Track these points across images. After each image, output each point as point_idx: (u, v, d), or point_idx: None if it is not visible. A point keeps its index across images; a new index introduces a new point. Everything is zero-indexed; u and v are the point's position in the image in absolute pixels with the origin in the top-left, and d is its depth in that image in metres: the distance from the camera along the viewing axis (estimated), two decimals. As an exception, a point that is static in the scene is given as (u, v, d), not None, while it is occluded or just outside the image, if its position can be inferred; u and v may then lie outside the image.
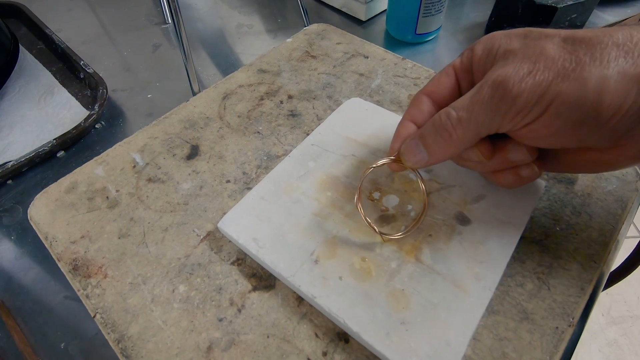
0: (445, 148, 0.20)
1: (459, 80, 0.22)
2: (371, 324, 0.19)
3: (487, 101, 0.18)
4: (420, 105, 0.22)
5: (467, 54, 0.21)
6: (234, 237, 0.23)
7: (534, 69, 0.16)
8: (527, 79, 0.16)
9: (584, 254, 0.22)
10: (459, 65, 0.21)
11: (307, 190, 0.25)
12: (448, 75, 0.22)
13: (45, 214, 0.26)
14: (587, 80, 0.15)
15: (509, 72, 0.17)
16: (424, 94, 0.22)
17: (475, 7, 0.48)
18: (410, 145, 0.21)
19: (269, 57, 0.36)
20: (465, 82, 0.21)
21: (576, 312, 0.20)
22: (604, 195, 0.25)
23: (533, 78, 0.16)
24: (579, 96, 0.16)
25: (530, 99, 0.16)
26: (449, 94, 0.22)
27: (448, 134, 0.19)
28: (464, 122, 0.18)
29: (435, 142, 0.20)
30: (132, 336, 0.21)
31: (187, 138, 0.30)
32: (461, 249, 0.22)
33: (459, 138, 0.19)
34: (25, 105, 0.38)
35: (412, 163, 0.21)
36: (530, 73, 0.16)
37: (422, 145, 0.20)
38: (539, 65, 0.16)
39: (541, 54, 0.17)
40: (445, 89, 0.22)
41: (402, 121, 0.22)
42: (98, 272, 0.23)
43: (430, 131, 0.20)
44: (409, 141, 0.21)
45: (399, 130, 0.22)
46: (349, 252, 0.22)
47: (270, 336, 0.20)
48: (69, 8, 0.52)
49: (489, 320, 0.20)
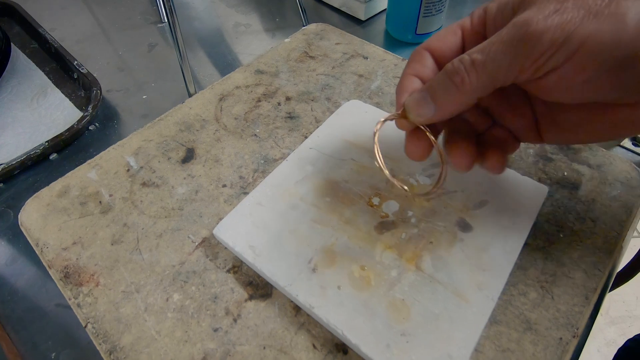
0: (456, 97, 0.17)
1: (465, 41, 0.20)
2: (371, 335, 0.19)
3: (507, 41, 0.16)
4: (423, 60, 0.20)
5: (479, 13, 0.19)
6: (229, 244, 0.22)
7: (560, 7, 0.15)
8: (554, 17, 0.15)
9: (588, 262, 0.22)
10: (468, 26, 0.20)
11: (305, 195, 0.24)
12: (454, 33, 0.20)
13: (37, 219, 0.26)
14: (624, 15, 0.14)
15: (532, 12, 0.15)
16: (426, 49, 0.20)
17: (476, 6, 0.47)
18: (415, 98, 0.19)
19: (267, 57, 0.35)
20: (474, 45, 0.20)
21: (580, 322, 0.20)
22: (608, 200, 0.24)
23: (560, 16, 0.15)
24: (616, 33, 0.14)
25: (557, 38, 0.15)
26: (453, 52, 0.20)
27: (460, 79, 0.17)
28: (478, 64, 0.16)
29: (445, 91, 0.18)
30: (124, 347, 0.20)
31: (183, 141, 0.29)
32: (463, 257, 0.21)
33: (472, 84, 0.17)
34: (17, 106, 0.37)
35: (417, 116, 0.19)
36: (557, 11, 0.15)
37: (430, 96, 0.18)
38: (567, 4, 0.15)
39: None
40: (449, 47, 0.20)
41: (405, 75, 0.20)
42: (90, 280, 0.23)
43: (439, 80, 0.18)
44: (414, 94, 0.19)
45: (402, 84, 0.20)
46: (348, 260, 0.21)
47: (267, 347, 0.20)
48: (63, 6, 0.51)
49: (491, 331, 0.20)
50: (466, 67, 0.17)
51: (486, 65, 0.16)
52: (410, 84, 0.20)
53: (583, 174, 0.26)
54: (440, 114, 0.18)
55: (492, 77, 0.17)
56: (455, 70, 0.17)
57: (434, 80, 0.18)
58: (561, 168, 0.26)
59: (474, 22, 0.19)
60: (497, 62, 0.16)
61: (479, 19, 0.19)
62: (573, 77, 0.15)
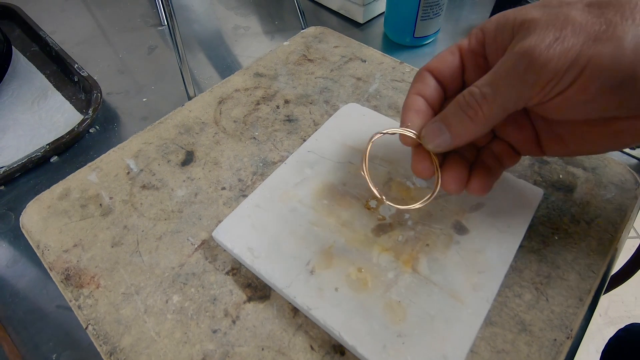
0: (471, 127, 0.18)
1: (464, 62, 0.21)
2: (367, 336, 0.19)
3: (513, 73, 0.17)
4: (425, 80, 0.21)
5: (477, 34, 0.20)
6: (228, 246, 0.23)
7: (560, 35, 0.15)
8: (555, 46, 0.15)
9: (583, 264, 0.22)
10: (466, 47, 0.20)
11: (303, 198, 0.25)
12: (452, 54, 0.21)
13: (38, 221, 0.26)
14: (622, 39, 0.15)
15: (533, 41, 0.16)
16: (427, 69, 0.21)
17: (474, 9, 0.47)
18: (432, 128, 0.20)
19: (266, 60, 0.36)
20: (472, 65, 0.21)
21: (575, 323, 0.20)
22: (603, 203, 0.25)
23: (561, 44, 0.15)
24: (616, 56, 0.15)
25: (561, 66, 0.15)
26: (452, 73, 0.21)
27: (473, 112, 0.18)
28: (488, 97, 0.17)
29: (460, 123, 0.19)
30: (124, 348, 0.21)
31: (182, 144, 0.30)
32: (459, 259, 0.22)
33: (484, 116, 0.18)
34: (18, 109, 0.37)
35: (434, 146, 0.20)
36: (557, 39, 0.15)
37: (445, 127, 0.19)
38: (566, 32, 0.15)
39: (566, 21, 0.16)
40: (449, 67, 0.21)
41: (410, 95, 0.21)
42: (90, 282, 0.23)
43: (453, 112, 0.19)
44: (429, 124, 0.20)
45: (407, 102, 0.21)
46: (345, 262, 0.22)
47: (265, 348, 0.20)
48: (63, 9, 0.51)
49: (486, 332, 0.20)
50: (478, 101, 0.18)
51: (496, 97, 0.17)
52: (415, 102, 0.21)
53: (578, 176, 0.26)
54: (457, 142, 0.19)
55: (502, 107, 0.18)
56: (468, 103, 0.18)
57: (448, 111, 0.19)
58: (556, 171, 0.26)
59: (471, 42, 0.20)
60: (505, 94, 0.17)
61: (477, 40, 0.20)
62: (577, 97, 0.16)
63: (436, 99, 0.21)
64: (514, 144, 0.21)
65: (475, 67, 0.21)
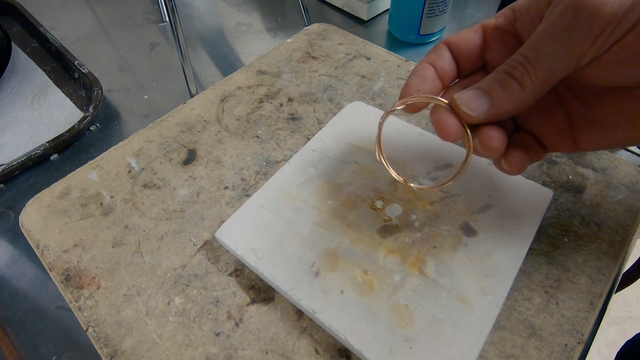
0: (513, 95, 0.16)
1: (487, 40, 0.19)
2: (373, 340, 0.19)
3: (559, 27, 0.15)
4: (440, 52, 0.20)
5: (505, 13, 0.19)
6: (231, 247, 0.22)
7: None
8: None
9: (594, 267, 0.22)
10: (493, 25, 0.19)
11: (307, 198, 0.24)
12: (475, 32, 0.20)
13: (37, 220, 0.25)
14: None
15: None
16: (445, 43, 0.20)
17: (479, 6, 0.47)
18: (468, 94, 0.17)
19: (269, 57, 0.35)
20: (498, 43, 0.19)
21: (586, 328, 0.20)
22: (613, 205, 0.24)
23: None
24: None
25: (617, 9, 0.14)
26: (471, 51, 0.19)
27: (515, 82, 0.16)
28: (532, 61, 0.16)
29: (501, 89, 0.17)
30: (125, 351, 0.20)
31: (184, 142, 0.29)
32: (467, 262, 0.21)
33: (530, 83, 0.16)
34: (17, 106, 0.37)
35: (469, 109, 0.17)
36: None
37: (485, 93, 0.17)
38: None
39: None
40: (467, 43, 0.19)
41: (421, 63, 0.20)
42: (91, 282, 0.23)
43: (493, 77, 0.17)
44: (465, 91, 0.18)
45: (416, 69, 0.20)
46: (350, 264, 0.21)
47: (269, 352, 0.20)
48: (64, 5, 0.51)
49: (495, 337, 0.20)
50: (520, 67, 0.16)
51: (540, 60, 0.15)
52: (424, 70, 0.19)
53: (587, 177, 0.25)
54: (495, 111, 0.17)
55: (549, 71, 0.16)
56: (511, 67, 0.16)
57: (488, 78, 0.17)
58: (565, 171, 0.26)
59: (499, 22, 0.19)
60: (553, 54, 0.15)
61: (506, 18, 0.19)
62: (637, 47, 0.14)
63: (448, 73, 0.20)
64: (541, 135, 0.19)
65: (501, 45, 0.19)
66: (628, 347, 0.41)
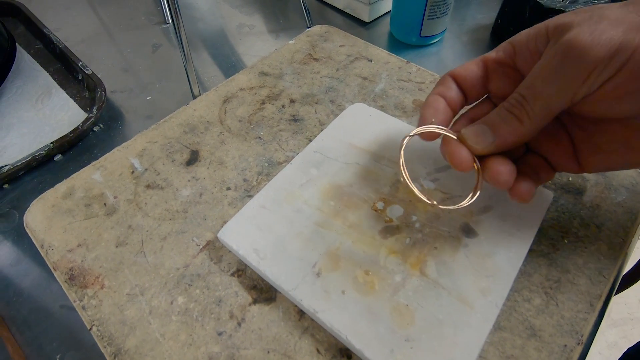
0: (516, 131, 0.18)
1: (488, 72, 0.21)
2: (374, 340, 0.19)
3: (552, 68, 0.16)
4: (447, 83, 0.21)
5: (505, 47, 0.20)
6: (234, 247, 0.22)
7: (598, 27, 0.15)
8: (595, 34, 0.15)
9: (593, 268, 0.22)
10: (493, 58, 0.20)
11: (309, 199, 0.24)
12: (477, 65, 0.21)
13: (42, 220, 0.26)
14: None
15: (572, 34, 0.15)
16: (450, 75, 0.21)
17: (480, 9, 0.47)
18: (474, 129, 0.19)
19: (271, 59, 0.35)
20: (500, 75, 0.20)
21: (585, 329, 0.20)
22: (613, 206, 0.24)
23: (601, 34, 0.15)
24: None
25: (605, 53, 0.15)
26: (475, 82, 0.21)
27: (515, 118, 0.18)
28: (528, 99, 0.17)
29: (504, 123, 0.18)
30: (129, 350, 0.20)
31: (187, 143, 0.29)
32: (467, 263, 0.21)
33: (528, 119, 0.17)
34: (22, 106, 0.37)
35: (475, 142, 0.19)
36: (595, 31, 0.15)
37: (488, 128, 0.19)
38: (604, 25, 0.15)
39: (602, 17, 0.15)
40: (471, 75, 0.21)
41: (431, 94, 0.21)
42: (95, 282, 0.23)
43: (497, 113, 0.19)
44: (471, 126, 0.20)
45: (428, 100, 0.21)
46: (352, 265, 0.21)
47: (271, 351, 0.20)
48: (68, 6, 0.51)
49: (495, 337, 0.20)
50: (521, 103, 0.17)
51: (536, 98, 0.17)
52: (435, 102, 0.21)
53: (588, 179, 0.26)
54: (500, 142, 0.19)
55: (546, 108, 0.17)
56: (509, 110, 0.18)
57: (492, 115, 0.19)
58: (566, 173, 0.26)
59: (500, 55, 0.20)
60: (548, 92, 0.17)
61: (505, 52, 0.20)
62: (625, 86, 0.15)
63: (457, 102, 0.21)
64: (549, 157, 0.21)
65: (503, 77, 0.20)
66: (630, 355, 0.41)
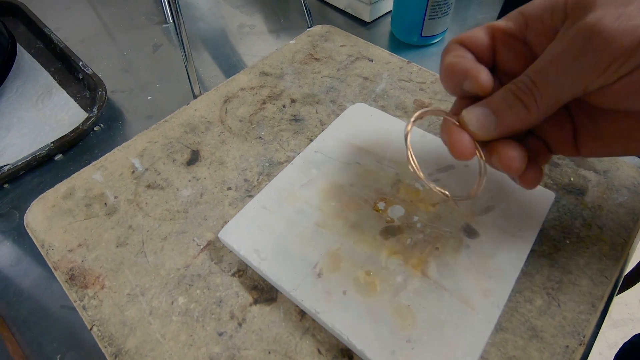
0: (519, 117, 0.17)
1: (496, 43, 0.19)
2: (376, 341, 0.19)
3: (569, 55, 0.15)
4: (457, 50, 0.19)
5: (515, 17, 0.18)
6: (235, 247, 0.22)
7: (625, 12, 0.14)
8: (622, 19, 0.14)
9: (595, 269, 0.22)
10: (502, 28, 0.18)
11: (310, 199, 0.24)
12: (485, 33, 0.19)
13: (42, 220, 0.26)
14: None
15: (596, 16, 0.14)
16: (457, 42, 0.19)
17: (481, 9, 0.47)
18: (475, 112, 0.18)
19: (272, 59, 0.35)
20: (508, 48, 0.19)
21: (587, 330, 0.20)
22: (615, 207, 0.24)
23: (628, 20, 0.13)
24: None
25: (629, 43, 0.13)
26: (483, 49, 0.19)
27: (522, 104, 0.16)
28: (539, 85, 0.16)
29: (507, 110, 0.17)
30: (129, 350, 0.20)
31: (188, 143, 0.29)
32: (469, 263, 0.21)
33: (536, 107, 0.16)
34: (22, 106, 0.37)
35: (476, 128, 0.18)
36: (622, 16, 0.14)
37: (491, 112, 0.17)
38: (632, 9, 0.14)
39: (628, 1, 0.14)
40: (478, 43, 0.19)
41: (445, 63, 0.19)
42: (95, 282, 0.23)
43: (501, 96, 0.17)
44: (472, 108, 0.18)
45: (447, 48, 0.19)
46: (353, 265, 0.21)
47: (272, 352, 0.20)
48: (68, 6, 0.51)
49: (497, 338, 0.20)
50: (531, 89, 0.16)
51: (547, 86, 0.16)
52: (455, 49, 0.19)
53: (589, 179, 0.25)
54: (502, 129, 0.17)
55: (555, 97, 0.16)
56: (518, 89, 0.17)
57: (496, 97, 0.17)
58: (567, 173, 0.26)
59: (508, 25, 0.18)
60: (561, 80, 0.15)
61: (515, 22, 0.18)
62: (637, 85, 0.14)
63: None
64: (548, 140, 0.19)
65: (510, 51, 0.19)
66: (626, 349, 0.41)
